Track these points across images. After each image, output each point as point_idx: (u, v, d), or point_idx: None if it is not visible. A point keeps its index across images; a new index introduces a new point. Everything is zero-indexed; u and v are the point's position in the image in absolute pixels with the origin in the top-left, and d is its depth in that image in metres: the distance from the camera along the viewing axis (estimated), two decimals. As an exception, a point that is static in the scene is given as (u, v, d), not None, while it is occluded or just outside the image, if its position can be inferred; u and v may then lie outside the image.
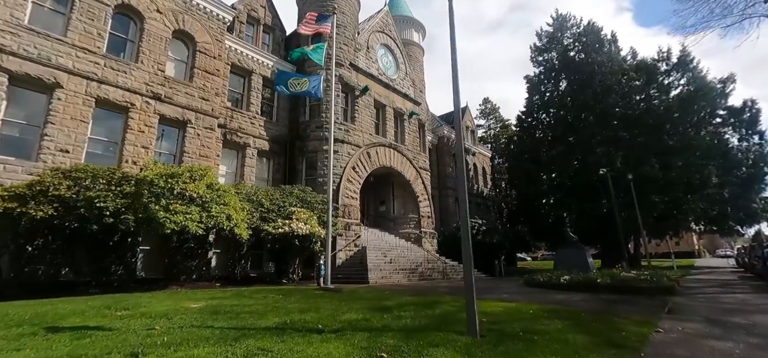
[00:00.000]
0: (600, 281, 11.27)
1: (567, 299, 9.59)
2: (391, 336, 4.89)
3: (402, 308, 7.03)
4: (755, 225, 25.55)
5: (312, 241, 13.37)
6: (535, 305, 8.29)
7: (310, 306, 7.03)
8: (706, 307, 8.10)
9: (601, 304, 8.70)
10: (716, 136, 23.10)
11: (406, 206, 24.24)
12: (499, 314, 6.80)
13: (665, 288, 10.33)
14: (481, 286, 14.11)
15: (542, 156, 29.22)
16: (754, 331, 5.76)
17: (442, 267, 19.20)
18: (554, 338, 5.13)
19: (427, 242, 23.41)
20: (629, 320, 6.55)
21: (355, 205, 19.56)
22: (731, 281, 14.51)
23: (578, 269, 13.44)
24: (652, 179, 22.84)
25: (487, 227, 23.77)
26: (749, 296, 9.95)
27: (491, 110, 50.69)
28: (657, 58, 25.76)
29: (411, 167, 23.95)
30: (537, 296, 10.27)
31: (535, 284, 13.06)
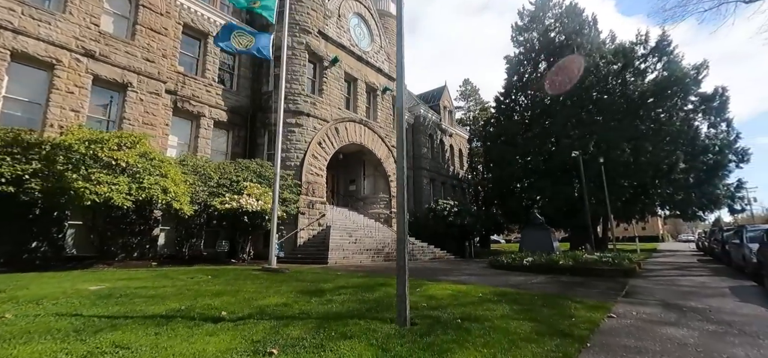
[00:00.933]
0: (562, 263, 10.92)
1: (525, 281, 9.15)
2: (302, 326, 4.12)
3: (338, 291, 6.29)
4: (716, 211, 26.29)
5: (264, 218, 12.41)
6: (489, 287, 7.75)
7: (232, 289, 6.19)
8: (663, 290, 7.78)
9: (559, 286, 8.27)
10: (686, 122, 23.26)
11: (377, 185, 23.47)
12: (445, 298, 6.16)
13: (626, 270, 10.06)
14: (445, 267, 13.64)
15: (518, 139, 28.90)
16: (710, 316, 5.35)
17: (409, 248, 18.66)
18: (494, 326, 4.50)
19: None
20: (583, 305, 6.06)
21: (321, 182, 18.62)
22: (690, 264, 14.63)
23: (543, 251, 13.12)
24: (622, 164, 22.90)
25: (458, 209, 23.36)
26: (707, 278, 9.79)
27: (471, 92, 50.08)
28: (635, 42, 25.52)
29: (383, 145, 23.08)
30: (495, 278, 9.81)
31: (498, 266, 12.67)
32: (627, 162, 22.63)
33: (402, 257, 4.66)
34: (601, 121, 25.25)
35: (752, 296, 6.83)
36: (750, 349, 3.91)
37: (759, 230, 10.01)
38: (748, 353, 3.82)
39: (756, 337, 4.32)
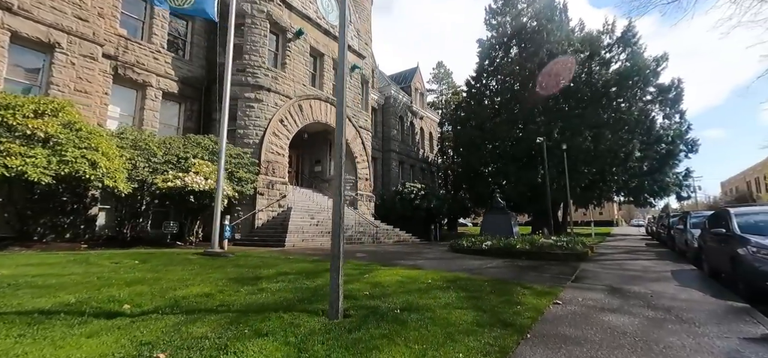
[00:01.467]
0: (519, 247, 10.98)
1: (481, 266, 9.06)
2: (213, 321, 3.61)
3: (276, 278, 5.80)
4: (666, 198, 27.92)
5: (214, 199, 11.54)
6: (442, 272, 7.54)
7: (153, 277, 5.53)
8: (611, 274, 7.89)
9: (513, 271, 8.22)
10: (644, 112, 24.22)
11: (344, 166, 22.84)
12: (391, 285, 5.83)
13: (578, 255, 10.23)
14: (406, 251, 13.44)
15: (487, 124, 29.07)
16: (652, 302, 5.34)
17: (373, 231, 18.39)
18: (434, 317, 4.20)
19: (364, 205, 22.46)
20: (532, 291, 5.94)
21: (282, 162, 17.77)
22: (639, 247, 15.34)
23: (503, 235, 13.22)
24: (583, 151, 23.58)
25: (425, 192, 23.28)
26: (652, 262, 10.15)
27: (444, 75, 49.86)
28: (602, 31, 26.04)
29: (350, 126, 22.38)
30: (453, 263, 9.67)
31: (458, 249, 12.63)
32: (588, 149, 23.33)
33: (337, 243, 4.21)
34: (566, 109, 25.79)
35: (691, 281, 7.02)
36: (686, 338, 3.83)
37: (701, 216, 10.46)
38: (684, 342, 3.73)
39: (692, 324, 4.28)
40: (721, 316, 4.64)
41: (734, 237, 6.30)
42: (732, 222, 6.58)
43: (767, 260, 5.41)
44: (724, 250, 6.57)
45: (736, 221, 6.54)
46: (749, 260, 5.63)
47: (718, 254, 6.93)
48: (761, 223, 6.38)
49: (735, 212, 6.86)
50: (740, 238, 6.11)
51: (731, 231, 6.45)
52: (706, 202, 66.50)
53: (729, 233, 6.50)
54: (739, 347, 3.62)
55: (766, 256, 5.45)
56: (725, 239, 6.58)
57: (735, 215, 6.71)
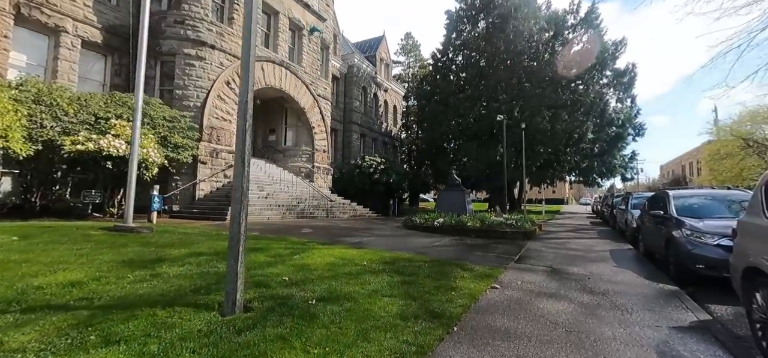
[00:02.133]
0: (470, 225, 10.81)
1: (428, 244, 8.74)
2: (55, 322, 2.80)
3: (183, 261, 5.01)
4: (612, 178, 29.53)
5: (140, 166, 10.21)
6: (384, 252, 7.07)
7: (21, 258, 4.54)
8: (554, 253, 7.85)
9: (459, 250, 7.95)
10: (599, 95, 24.97)
11: (300, 136, 21.66)
12: (319, 269, 5.23)
13: (526, 233, 10.23)
14: (356, 227, 12.93)
15: (451, 99, 28.77)
16: (589, 285, 5.18)
17: (328, 205, 17.68)
18: (355, 308, 3.66)
19: (321, 178, 21.58)
20: (472, 273, 5.61)
21: (229, 128, 16.32)
22: (584, 226, 15.96)
23: (457, 212, 13.06)
24: (541, 131, 24.03)
25: (385, 166, 22.77)
26: (594, 241, 10.39)
27: (412, 47, 48.66)
28: (567, 10, 26.17)
29: (308, 94, 21.05)
30: (400, 240, 9.27)
31: (411, 226, 12.31)
32: (545, 130, 23.79)
33: (236, 223, 3.47)
34: (528, 87, 25.99)
35: (628, 261, 7.08)
36: (618, 327, 3.58)
37: (642, 198, 10.80)
38: (615, 332, 3.48)
39: (625, 311, 4.09)
40: (653, 300, 4.52)
41: (671, 219, 6.30)
42: (670, 204, 6.59)
43: (700, 243, 5.40)
44: (660, 231, 6.60)
45: (674, 204, 6.56)
46: (683, 242, 5.61)
47: (655, 235, 7.00)
48: (697, 206, 6.43)
49: (674, 194, 6.90)
50: (676, 220, 6.10)
51: (669, 213, 6.46)
52: (646, 183, 72.21)
53: (666, 215, 6.51)
54: (668, 337, 3.42)
55: (699, 239, 5.44)
56: (662, 220, 6.60)
57: (673, 198, 6.73)
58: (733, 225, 5.81)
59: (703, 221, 5.84)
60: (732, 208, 6.39)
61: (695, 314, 4.00)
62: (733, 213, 6.20)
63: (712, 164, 33.16)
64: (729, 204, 6.46)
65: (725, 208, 6.36)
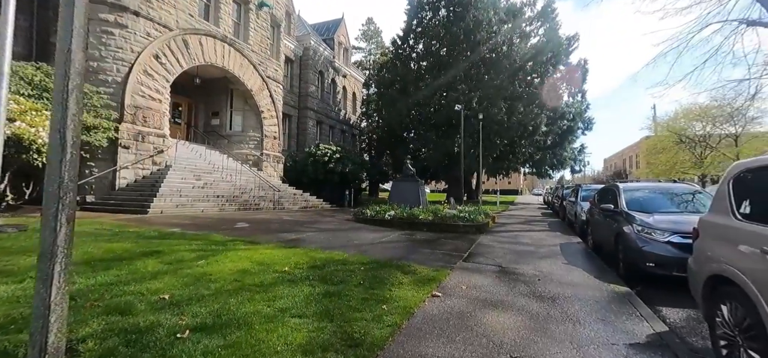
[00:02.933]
0: (422, 218, 10.21)
1: (374, 240, 7.97)
2: None
3: (25, 275, 3.78)
4: (563, 170, 30.74)
5: (30, 149, 8.40)
6: (316, 252, 6.18)
7: None
8: (505, 249, 7.40)
9: (406, 247, 7.25)
10: (553, 88, 25.56)
11: (248, 121, 19.96)
12: (223, 279, 4.22)
13: (479, 226, 9.81)
14: (302, 220, 11.88)
15: (411, 88, 28.19)
16: (538, 289, 4.66)
17: (276, 196, 16.38)
18: (243, 341, 2.75)
19: (270, 167, 20.10)
20: (414, 277, 4.89)
21: (159, 109, 14.42)
22: (535, 217, 16.13)
23: (410, 203, 12.45)
24: (497, 122, 24.17)
25: (340, 155, 21.72)
26: (544, 234, 10.22)
27: (374, 33, 47.47)
28: (525, 2, 26.40)
29: (256, 74, 19.34)
30: (343, 236, 8.42)
31: (361, 219, 11.51)
32: (501, 121, 23.96)
33: (51, 228, 2.38)
34: (486, 78, 26.02)
35: (577, 257, 6.78)
36: (570, 348, 2.99)
37: (591, 190, 10.82)
38: (567, 355, 2.88)
39: (577, 323, 3.55)
40: (606, 307, 4.05)
41: (621, 214, 6.00)
42: (620, 198, 6.31)
43: (650, 240, 5.07)
44: (610, 226, 6.32)
45: (624, 198, 6.27)
46: (633, 238, 5.28)
47: (605, 229, 6.73)
48: (645, 200, 6.19)
49: (624, 187, 6.66)
50: (627, 215, 5.80)
51: (619, 208, 6.17)
52: (592, 175, 77.34)
53: (617, 209, 6.22)
54: (625, 357, 2.90)
55: (649, 235, 5.11)
56: (612, 215, 6.31)
57: (623, 191, 6.46)
58: (680, 220, 5.65)
59: (653, 216, 5.56)
60: (678, 202, 6.23)
61: (651, 324, 3.54)
62: (679, 207, 6.02)
63: (650, 158, 35.70)
64: (675, 198, 6.30)
65: (672, 202, 6.18)
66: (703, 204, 5.95)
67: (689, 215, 5.50)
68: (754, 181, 2.73)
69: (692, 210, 5.78)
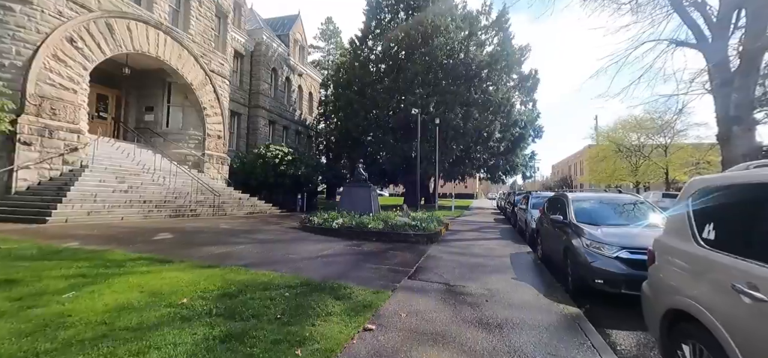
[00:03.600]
0: (371, 226, 9.57)
1: (313, 254, 7.18)
2: None
3: None
4: (515, 176, 31.79)
5: None
6: (236, 272, 5.29)
7: None
8: (454, 262, 6.95)
9: (347, 263, 6.56)
10: (507, 96, 26.30)
11: (188, 118, 18.18)
12: (88, 319, 3.24)
13: (430, 235, 9.36)
14: (240, 228, 10.74)
15: (369, 90, 27.64)
16: (485, 314, 4.18)
17: (217, 201, 14.93)
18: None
19: (213, 169, 18.46)
20: (347, 304, 4.20)
21: (73, 100, 12.48)
22: (488, 224, 16.16)
23: (362, 209, 11.77)
24: (454, 127, 24.34)
25: (293, 157, 20.56)
26: (495, 243, 10.02)
27: (333, 33, 46.40)
28: (480, 11, 26.95)
29: (197, 68, 17.67)
30: (279, 250, 7.53)
31: (307, 227, 10.64)
32: (458, 126, 24.15)
33: None
34: (443, 84, 26.15)
35: (527, 270, 6.49)
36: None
37: (541, 197, 10.84)
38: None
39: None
40: (556, 335, 3.63)
41: (570, 226, 5.76)
42: (569, 209, 6.09)
43: (599, 254, 4.81)
44: (559, 237, 6.08)
45: (573, 208, 6.06)
46: (582, 253, 5.01)
47: (554, 240, 6.51)
48: (593, 210, 6.02)
49: (573, 197, 6.47)
50: (575, 227, 5.55)
51: (568, 219, 5.93)
52: (541, 181, 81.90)
53: (565, 220, 5.99)
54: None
55: (598, 250, 4.85)
56: (561, 226, 6.07)
57: (572, 202, 6.26)
58: (627, 233, 5.50)
59: (600, 228, 5.35)
60: (623, 212, 6.14)
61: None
62: (625, 219, 5.91)
63: (592, 165, 38.20)
64: (621, 208, 6.20)
65: (618, 213, 6.07)
66: (645, 214, 5.90)
67: (635, 228, 5.37)
68: (719, 200, 2.37)
69: (637, 222, 5.67)
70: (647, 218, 5.78)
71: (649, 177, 31.45)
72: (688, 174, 31.66)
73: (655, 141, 30.57)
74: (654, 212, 5.94)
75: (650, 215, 5.88)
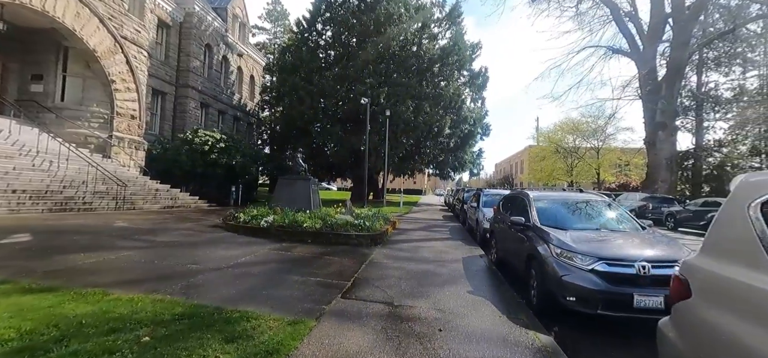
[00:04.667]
0: (307, 226, 8.18)
1: (229, 261, 5.65)
2: None
3: None
4: (462, 173, 32.06)
5: None
6: (76, 303, 3.65)
7: None
8: (400, 271, 5.88)
9: (266, 275, 5.15)
10: (458, 92, 26.08)
11: (90, 92, 15.08)
12: None
13: (375, 236, 8.24)
14: (141, 227, 8.70)
15: (316, 77, 25.78)
16: (437, 347, 3.10)
17: (123, 193, 12.42)
18: None
19: (124, 154, 15.59)
20: (242, 349, 2.85)
21: None
22: (436, 222, 15.53)
23: (299, 205, 10.28)
24: (404, 120, 23.54)
25: (226, 144, 18.24)
26: (445, 244, 9.20)
27: (280, 15, 43.34)
28: (434, 2, 26.41)
29: (104, 31, 14.65)
30: (182, 255, 5.87)
31: (231, 226, 8.94)
32: (408, 119, 23.39)
33: None
34: (395, 76, 25.20)
35: (483, 280, 5.62)
36: None
37: (495, 195, 10.26)
38: None
39: None
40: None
41: (533, 229, 4.96)
42: (531, 210, 5.29)
43: (571, 266, 3.99)
44: (519, 241, 5.27)
45: (536, 209, 5.27)
46: (551, 263, 4.17)
47: (512, 243, 5.71)
48: (559, 212, 5.27)
49: (535, 196, 5.71)
50: (540, 231, 4.75)
51: (530, 221, 5.13)
52: (485, 178, 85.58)
53: (527, 222, 5.17)
54: None
55: (569, 261, 4.04)
56: (522, 229, 5.26)
57: (534, 200, 5.48)
58: (600, 239, 4.77)
59: (568, 232, 4.59)
60: (587, 214, 5.50)
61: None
62: (591, 221, 5.25)
63: (533, 164, 40.24)
64: (586, 208, 5.56)
65: (585, 214, 5.41)
66: (616, 217, 5.29)
67: (609, 233, 4.68)
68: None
69: (608, 225, 5.02)
70: (620, 221, 5.17)
71: (583, 177, 33.74)
72: (614, 175, 34.65)
73: (589, 144, 32.85)
74: (623, 213, 5.37)
75: (614, 216, 5.30)
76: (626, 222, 5.12)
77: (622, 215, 5.30)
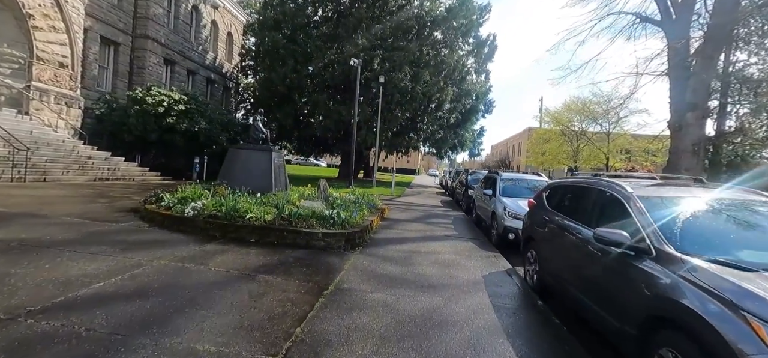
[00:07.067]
0: (251, 218, 5.53)
1: (78, 286, 2.97)
2: None
3: None
4: (462, 152, 29.48)
5: None
6: None
7: None
8: (384, 315, 3.33)
9: (98, 343, 2.52)
10: (461, 61, 23.16)
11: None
12: None
13: (351, 235, 5.63)
14: (13, 211, 5.95)
15: (301, 36, 22.55)
16: None
17: (35, 161, 9.52)
18: None
19: (50, 111, 12.56)
20: None
21: None
22: (435, 209, 13.01)
23: (256, 184, 7.60)
24: (401, 90, 20.68)
25: (187, 106, 15.25)
26: (452, 248, 6.69)
27: (266, -31, 38.95)
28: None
29: (17, -51, 11.32)
30: (28, 275, 3.19)
31: (149, 213, 6.23)
32: (405, 89, 20.53)
33: None
34: (391, 40, 22.10)
35: (542, 343, 3.09)
36: None
37: (519, 180, 7.71)
38: None
39: None
40: None
41: (648, 251, 2.37)
42: (635, 212, 2.68)
43: None
44: (600, 263, 2.70)
45: (644, 209, 2.66)
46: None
47: (582, 262, 3.16)
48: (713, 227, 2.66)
49: (639, 195, 3.09)
50: (668, 257, 2.13)
51: (638, 236, 2.53)
52: (480, 161, 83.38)
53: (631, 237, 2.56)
54: None
55: None
56: (610, 245, 2.67)
57: (639, 199, 2.88)
58: None
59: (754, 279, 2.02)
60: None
61: None
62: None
63: (535, 147, 37.77)
64: None
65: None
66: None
67: None
68: None
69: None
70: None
71: (592, 162, 31.40)
72: (624, 162, 32.36)
73: (599, 126, 30.30)
74: None
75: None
76: None
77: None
